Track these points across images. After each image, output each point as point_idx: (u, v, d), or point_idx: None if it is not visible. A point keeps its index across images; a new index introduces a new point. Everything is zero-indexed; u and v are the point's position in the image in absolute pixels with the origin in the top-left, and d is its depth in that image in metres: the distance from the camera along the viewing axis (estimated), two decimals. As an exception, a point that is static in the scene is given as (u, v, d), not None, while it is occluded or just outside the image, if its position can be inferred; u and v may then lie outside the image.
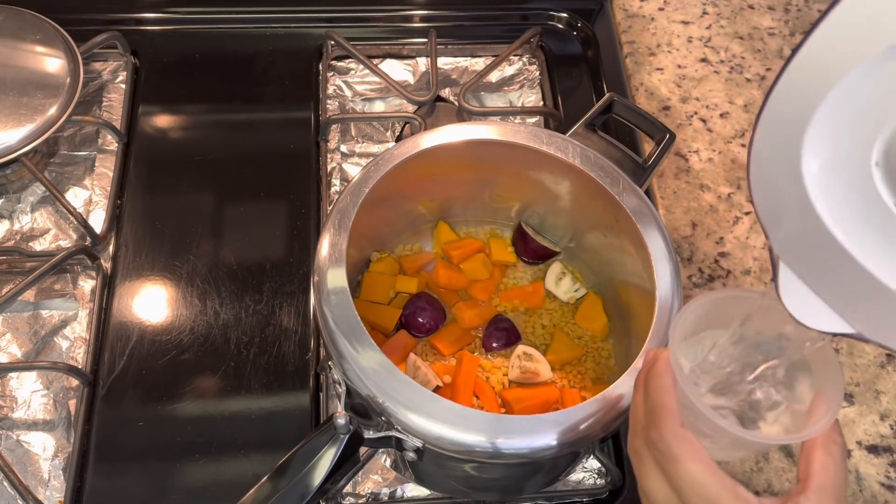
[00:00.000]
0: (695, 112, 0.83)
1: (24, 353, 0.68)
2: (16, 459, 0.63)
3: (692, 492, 0.38)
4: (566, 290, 0.67)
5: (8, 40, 0.76)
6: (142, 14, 0.86)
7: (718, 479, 0.38)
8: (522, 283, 0.69)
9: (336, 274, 0.54)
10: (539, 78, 0.87)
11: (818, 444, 0.40)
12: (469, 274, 0.68)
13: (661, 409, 0.40)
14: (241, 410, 0.65)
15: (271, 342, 0.68)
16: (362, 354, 0.50)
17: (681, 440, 0.39)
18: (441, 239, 0.69)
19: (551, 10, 0.90)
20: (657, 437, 0.40)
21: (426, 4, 0.89)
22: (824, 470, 0.39)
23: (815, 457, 0.39)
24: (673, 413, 0.40)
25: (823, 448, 0.39)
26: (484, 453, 0.48)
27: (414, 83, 0.86)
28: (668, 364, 0.41)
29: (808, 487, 0.39)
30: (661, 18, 0.90)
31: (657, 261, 0.55)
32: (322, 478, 0.50)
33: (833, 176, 0.34)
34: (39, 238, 0.73)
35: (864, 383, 0.68)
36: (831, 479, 0.39)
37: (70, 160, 0.78)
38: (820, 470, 0.39)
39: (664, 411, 0.40)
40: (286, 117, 0.81)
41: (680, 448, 0.39)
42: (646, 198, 0.59)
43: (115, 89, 0.82)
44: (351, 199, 0.57)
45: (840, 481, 0.39)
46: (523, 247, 0.69)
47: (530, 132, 0.61)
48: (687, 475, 0.39)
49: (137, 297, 0.70)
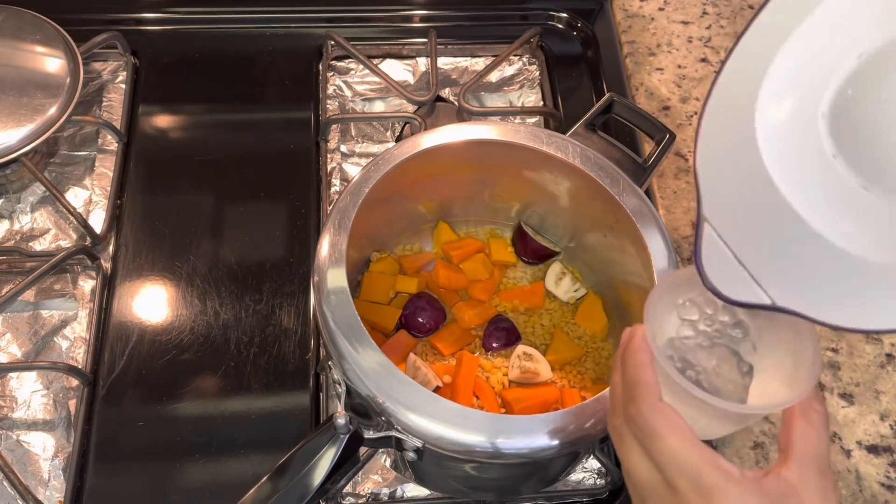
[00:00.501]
0: (695, 112, 0.83)
1: (24, 353, 0.68)
2: (16, 459, 0.63)
3: (673, 465, 0.37)
4: (566, 290, 0.67)
5: (8, 40, 0.76)
6: (142, 14, 0.86)
7: (699, 451, 0.37)
8: (522, 284, 0.69)
9: (336, 274, 0.54)
10: (539, 78, 0.87)
11: (797, 413, 0.39)
12: (469, 274, 0.68)
13: (639, 384, 0.39)
14: (241, 410, 0.65)
15: (271, 342, 0.68)
16: (362, 354, 0.50)
17: (659, 414, 0.38)
18: (441, 239, 0.69)
19: (551, 10, 0.90)
20: (635, 412, 0.39)
21: (426, 4, 0.89)
22: (805, 439, 0.38)
23: (795, 426, 0.38)
24: (651, 387, 0.39)
25: (803, 416, 0.38)
26: (484, 453, 0.49)
27: (414, 83, 0.86)
28: (644, 340, 0.40)
29: (789, 457, 0.38)
30: (661, 18, 0.90)
31: (657, 261, 0.55)
32: (322, 478, 0.50)
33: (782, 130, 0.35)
34: (39, 238, 0.73)
35: (864, 383, 0.68)
36: (812, 447, 0.38)
37: (70, 160, 0.78)
38: (800, 439, 0.38)
39: (641, 386, 0.39)
40: (286, 117, 0.81)
41: (659, 422, 0.38)
42: (646, 198, 0.59)
43: (115, 89, 0.82)
44: (351, 199, 0.57)
45: (822, 449, 0.38)
46: (523, 247, 0.69)
47: (530, 132, 0.61)
48: (667, 449, 0.37)
49: (137, 297, 0.70)
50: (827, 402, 0.67)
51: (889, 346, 0.70)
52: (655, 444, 0.38)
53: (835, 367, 0.69)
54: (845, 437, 0.66)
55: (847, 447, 0.65)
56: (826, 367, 0.69)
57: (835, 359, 0.69)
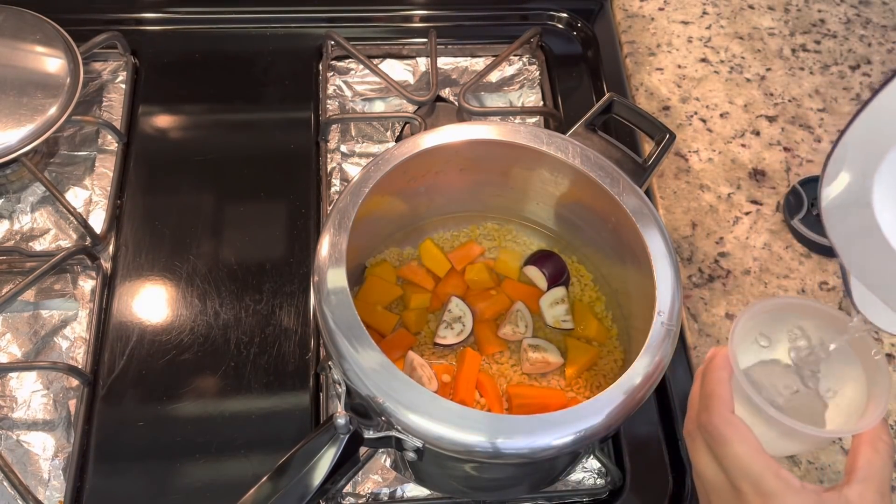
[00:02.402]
0: (695, 112, 0.83)
1: (24, 353, 0.68)
2: (16, 459, 0.63)
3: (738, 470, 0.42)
4: (556, 315, 0.65)
5: (8, 40, 0.76)
6: (142, 14, 0.86)
7: (763, 459, 0.41)
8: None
9: (336, 274, 0.54)
10: (539, 78, 0.87)
11: (865, 441, 0.42)
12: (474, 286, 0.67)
13: (714, 397, 0.44)
14: (241, 410, 0.65)
15: (271, 342, 0.68)
16: (362, 354, 0.50)
17: (729, 424, 0.43)
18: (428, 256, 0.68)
19: (551, 10, 0.90)
20: (707, 420, 0.44)
21: (426, 4, 0.89)
22: (869, 464, 0.41)
23: (861, 451, 0.42)
24: (725, 401, 0.44)
25: (870, 444, 0.42)
26: (484, 453, 0.48)
27: (414, 83, 0.86)
28: (726, 359, 0.45)
29: (852, 479, 0.41)
30: (661, 18, 0.90)
31: (657, 261, 0.55)
32: (322, 478, 0.50)
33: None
34: (39, 238, 0.73)
35: (864, 383, 0.68)
36: (876, 473, 0.41)
37: (70, 160, 0.78)
38: (865, 464, 0.42)
39: (717, 399, 0.44)
40: (286, 117, 0.81)
41: (728, 430, 0.43)
42: (646, 198, 0.59)
43: (115, 89, 0.82)
44: (351, 199, 0.57)
45: (885, 476, 0.42)
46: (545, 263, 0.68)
47: (530, 132, 0.61)
48: (734, 455, 0.42)
49: (137, 297, 0.70)
50: (827, 402, 0.67)
51: (889, 346, 0.70)
52: (724, 450, 0.43)
53: (835, 367, 0.69)
54: (845, 437, 0.66)
55: (847, 447, 0.65)
56: (826, 367, 0.69)
57: (835, 359, 0.69)
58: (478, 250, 0.69)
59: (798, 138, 0.81)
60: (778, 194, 0.78)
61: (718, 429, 0.43)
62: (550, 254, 0.68)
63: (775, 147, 0.81)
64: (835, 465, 0.64)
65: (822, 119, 0.83)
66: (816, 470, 0.64)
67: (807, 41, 0.88)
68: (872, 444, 0.42)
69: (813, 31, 0.89)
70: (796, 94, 0.84)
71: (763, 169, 0.79)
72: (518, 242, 0.70)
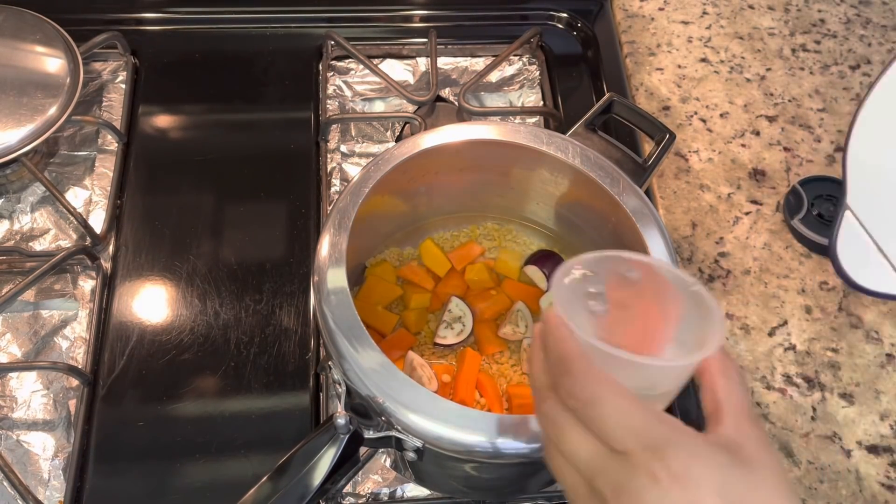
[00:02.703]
0: (695, 112, 0.83)
1: (24, 353, 0.68)
2: (16, 459, 0.63)
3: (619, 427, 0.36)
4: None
5: (8, 40, 0.76)
6: (142, 14, 0.86)
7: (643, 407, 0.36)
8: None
9: (336, 274, 0.54)
10: (539, 78, 0.87)
11: (716, 372, 0.40)
12: (474, 286, 0.67)
13: (567, 357, 0.38)
14: (241, 410, 0.65)
15: (271, 342, 0.68)
16: (362, 354, 0.50)
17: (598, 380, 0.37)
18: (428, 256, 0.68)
19: (551, 10, 0.90)
20: (570, 382, 0.38)
21: (426, 4, 0.89)
22: (730, 394, 0.39)
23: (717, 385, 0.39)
24: (581, 356, 0.38)
25: (722, 374, 0.39)
26: (484, 453, 0.48)
27: (414, 83, 0.86)
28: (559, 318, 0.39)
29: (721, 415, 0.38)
30: (661, 18, 0.90)
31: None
32: (322, 478, 0.50)
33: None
34: (39, 238, 0.73)
35: (864, 383, 0.68)
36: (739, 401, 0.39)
37: (70, 160, 0.78)
38: (726, 396, 0.39)
39: (571, 357, 0.38)
40: (286, 117, 0.81)
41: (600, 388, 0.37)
42: (646, 198, 0.59)
43: (115, 89, 0.82)
44: (351, 199, 0.57)
45: (748, 401, 0.39)
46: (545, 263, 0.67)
47: (530, 132, 0.61)
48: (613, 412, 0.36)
49: (137, 297, 0.70)
50: (827, 402, 0.67)
51: (889, 346, 0.70)
52: (599, 409, 0.36)
53: (835, 367, 0.69)
54: (845, 437, 0.66)
55: (847, 447, 0.65)
56: (826, 366, 0.69)
57: (835, 359, 0.69)
58: (478, 250, 0.69)
59: (798, 138, 0.81)
60: (778, 194, 0.78)
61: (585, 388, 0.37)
62: (551, 254, 0.68)
63: (775, 147, 0.81)
64: (835, 464, 0.64)
65: (822, 119, 0.83)
66: (816, 470, 0.64)
67: (807, 41, 0.88)
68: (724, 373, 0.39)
69: (813, 31, 0.89)
70: (796, 94, 0.84)
71: (763, 169, 0.79)
72: (518, 242, 0.70)
